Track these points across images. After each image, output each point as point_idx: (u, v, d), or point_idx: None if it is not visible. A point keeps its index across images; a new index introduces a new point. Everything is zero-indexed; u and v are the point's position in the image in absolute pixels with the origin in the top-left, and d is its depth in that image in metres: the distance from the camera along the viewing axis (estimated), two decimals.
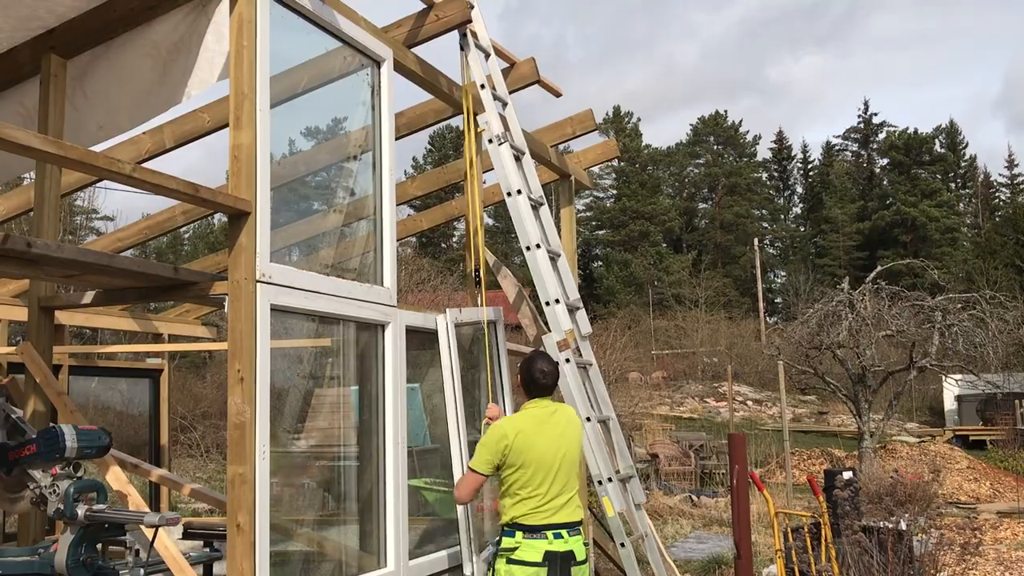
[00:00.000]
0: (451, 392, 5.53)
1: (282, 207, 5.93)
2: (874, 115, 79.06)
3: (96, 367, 9.15)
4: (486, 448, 4.94)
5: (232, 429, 4.34)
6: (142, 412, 10.11)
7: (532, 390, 5.09)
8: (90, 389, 17.32)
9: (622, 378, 31.25)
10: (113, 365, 9.45)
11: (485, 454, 4.93)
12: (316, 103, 5.84)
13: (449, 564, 5.86)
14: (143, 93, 5.20)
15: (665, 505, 15.69)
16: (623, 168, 75.86)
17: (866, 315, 18.22)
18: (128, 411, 12.94)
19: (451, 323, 5.68)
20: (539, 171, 8.89)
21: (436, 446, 6.70)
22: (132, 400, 12.30)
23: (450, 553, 5.92)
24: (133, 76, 5.20)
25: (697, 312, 55.87)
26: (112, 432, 4.36)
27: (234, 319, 4.38)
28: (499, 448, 4.89)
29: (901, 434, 32.86)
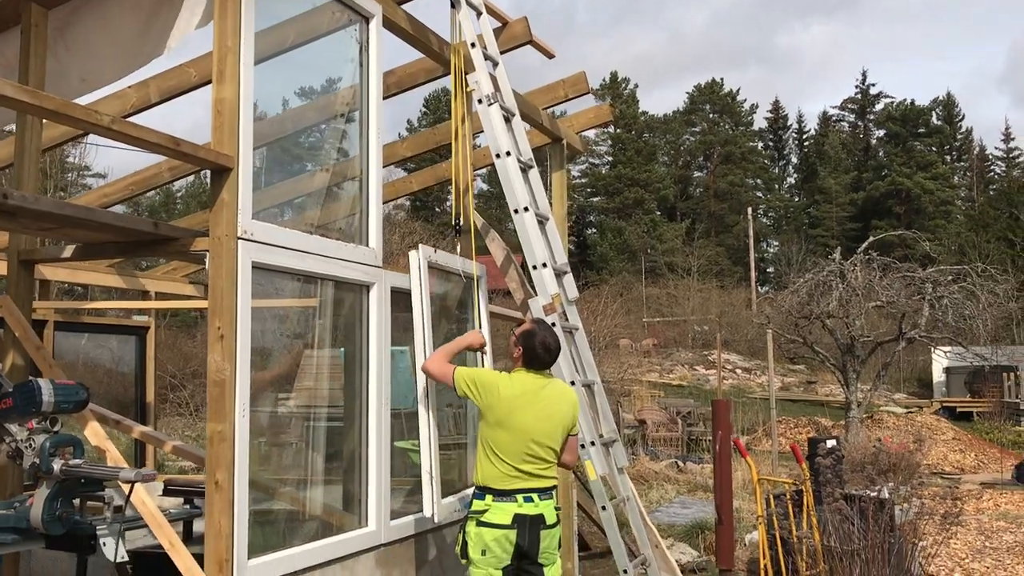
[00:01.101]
0: (420, 335, 5.40)
1: (268, 166, 5.87)
2: (872, 86, 78.79)
3: (82, 323, 9.11)
4: (476, 379, 4.96)
5: (212, 387, 4.31)
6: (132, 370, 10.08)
7: (533, 363, 5.00)
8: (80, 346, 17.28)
9: (612, 344, 31.33)
10: (99, 322, 9.40)
11: (471, 381, 4.95)
12: (303, 60, 5.76)
13: (430, 525, 5.86)
14: (126, 45, 5.12)
15: (651, 470, 15.76)
16: (619, 135, 75.50)
17: (856, 285, 18.23)
18: (118, 368, 12.90)
19: (423, 260, 5.54)
20: (531, 135, 8.82)
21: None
22: (123, 358, 12.26)
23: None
24: (116, 27, 5.12)
25: (689, 281, 55.91)
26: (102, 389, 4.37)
27: (214, 276, 4.34)
28: (480, 392, 4.89)
29: (889, 404, 33.01)
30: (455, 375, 5.03)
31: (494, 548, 4.81)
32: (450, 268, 5.89)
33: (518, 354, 5.02)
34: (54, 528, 3.94)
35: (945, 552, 9.56)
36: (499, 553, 4.81)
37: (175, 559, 4.21)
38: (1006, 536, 10.70)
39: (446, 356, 5.22)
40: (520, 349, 4.99)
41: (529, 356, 4.96)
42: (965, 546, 10.12)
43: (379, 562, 5.38)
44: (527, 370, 4.99)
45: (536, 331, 5.00)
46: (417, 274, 5.44)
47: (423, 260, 5.49)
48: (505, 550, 4.82)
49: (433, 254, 5.67)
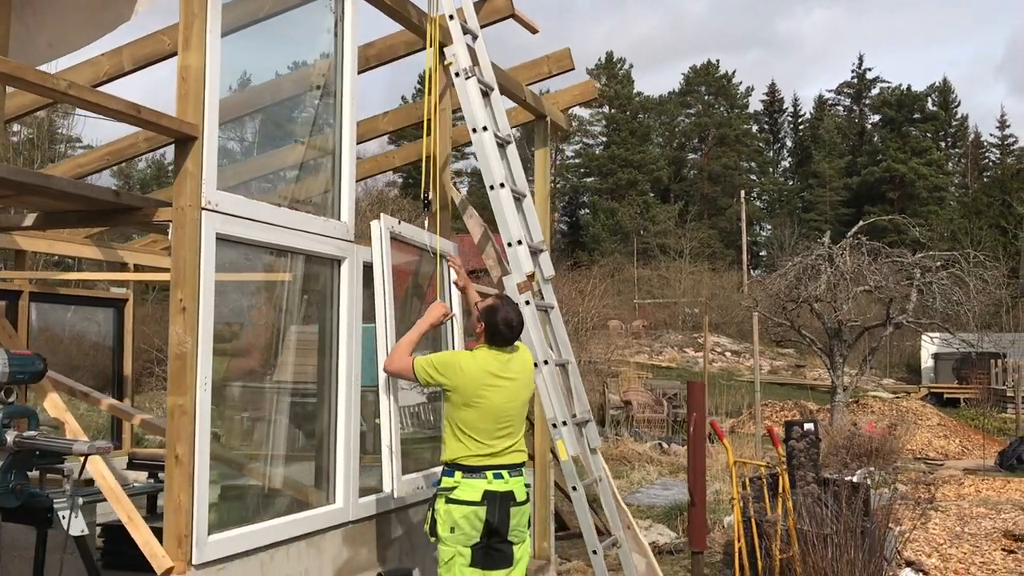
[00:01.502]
0: (382, 310, 5.29)
1: (238, 137, 5.78)
2: (868, 70, 78.58)
3: (58, 295, 9.02)
4: (437, 364, 4.85)
5: (173, 360, 4.24)
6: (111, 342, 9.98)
7: (495, 339, 4.91)
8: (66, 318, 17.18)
9: (602, 325, 31.30)
10: (76, 293, 9.30)
11: (432, 368, 4.84)
12: (277, 31, 5.65)
13: (399, 503, 5.81)
14: (93, 10, 5.02)
15: (634, 451, 15.76)
16: (613, 115, 75.31)
17: (845, 270, 18.19)
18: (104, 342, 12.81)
19: (385, 230, 5.44)
20: (515, 112, 8.73)
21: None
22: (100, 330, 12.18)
23: None
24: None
25: (681, 263, 55.90)
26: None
27: (177, 247, 4.26)
28: (444, 374, 4.80)
29: (877, 390, 33.09)
30: (414, 367, 4.89)
31: (463, 525, 4.76)
32: (415, 242, 5.77)
33: (480, 329, 4.95)
34: (7, 500, 3.88)
35: (923, 537, 9.58)
36: (468, 530, 4.76)
37: (133, 533, 4.16)
38: (985, 522, 10.71)
39: (406, 349, 5.03)
40: (482, 325, 4.92)
41: (491, 332, 4.89)
42: (944, 531, 10.13)
43: (347, 539, 5.33)
44: (490, 347, 4.92)
45: (499, 307, 4.92)
46: (379, 245, 5.33)
47: (384, 230, 5.38)
48: (474, 527, 4.77)
49: (396, 225, 5.56)
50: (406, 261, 6.06)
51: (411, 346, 5.05)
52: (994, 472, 16.12)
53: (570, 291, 22.09)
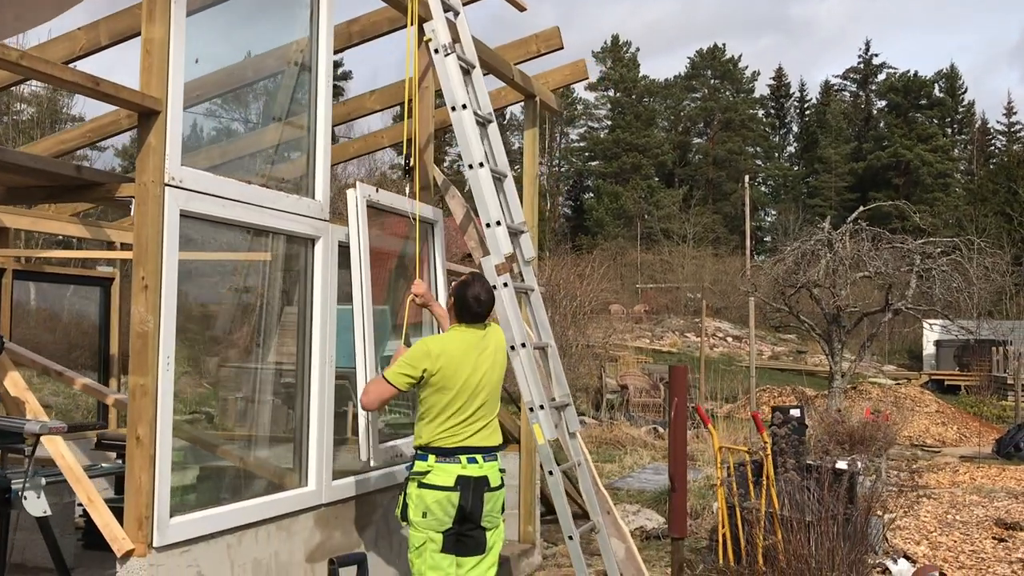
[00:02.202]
0: (359, 284, 5.21)
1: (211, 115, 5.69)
2: (875, 56, 78.10)
3: (43, 273, 8.95)
4: (407, 363, 4.74)
5: (134, 339, 4.16)
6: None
7: (464, 316, 4.85)
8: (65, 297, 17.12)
9: (601, 309, 31.21)
10: (62, 272, 9.23)
11: (405, 368, 4.72)
12: (252, 7, 5.56)
13: (375, 486, 5.74)
14: None
15: (629, 436, 15.69)
16: (618, 99, 75.00)
17: (844, 255, 18.05)
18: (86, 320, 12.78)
19: (362, 198, 5.32)
20: (504, 91, 8.63)
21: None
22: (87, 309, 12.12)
23: (375, 476, 5.80)
24: None
25: (684, 248, 55.74)
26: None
27: (140, 224, 4.18)
28: (421, 366, 4.70)
29: (878, 376, 33.01)
30: (390, 380, 4.74)
31: (435, 511, 4.69)
32: (395, 209, 5.67)
33: (450, 304, 4.88)
34: None
35: (913, 525, 9.49)
36: (440, 516, 4.69)
37: (93, 515, 4.09)
38: (977, 510, 10.62)
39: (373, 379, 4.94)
40: (452, 300, 4.85)
41: (460, 307, 4.82)
42: (935, 519, 10.04)
43: (319, 522, 5.26)
44: (461, 324, 4.84)
45: (469, 282, 4.86)
46: (355, 215, 5.24)
47: (361, 199, 5.28)
48: (447, 513, 4.69)
49: (374, 193, 5.46)
50: (389, 243, 5.98)
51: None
52: (990, 459, 16.03)
53: (569, 274, 21.97)
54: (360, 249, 5.23)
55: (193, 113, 5.62)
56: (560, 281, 21.25)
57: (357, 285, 5.24)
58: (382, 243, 5.88)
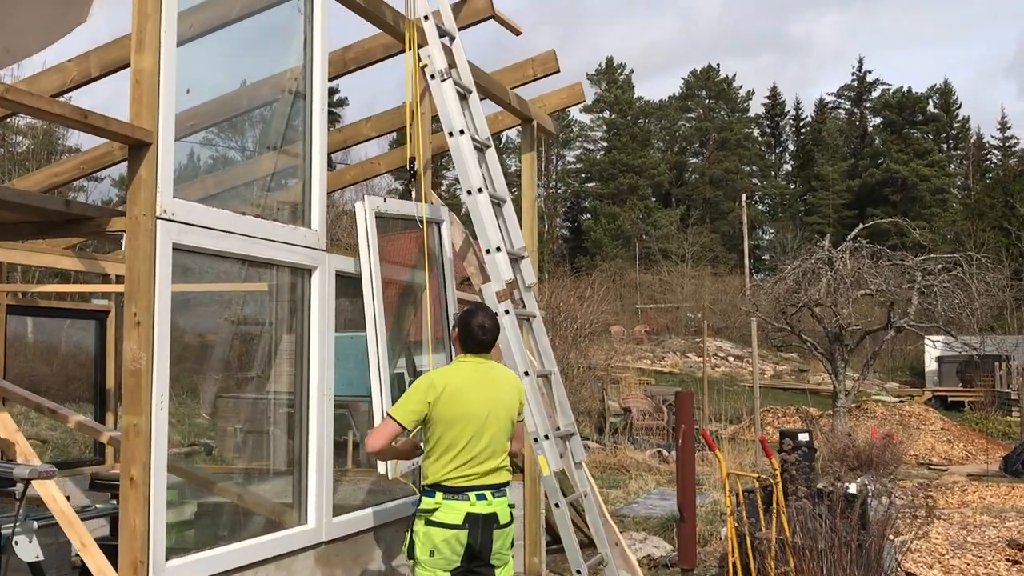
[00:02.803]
0: (370, 299, 5.09)
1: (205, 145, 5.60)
2: (868, 72, 78.30)
3: (37, 307, 8.84)
4: (411, 397, 4.60)
5: (127, 377, 4.04)
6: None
7: (468, 345, 4.73)
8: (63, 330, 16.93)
9: (602, 331, 31.08)
10: (56, 306, 9.11)
11: (409, 404, 4.57)
12: (244, 36, 5.48)
13: (376, 521, 5.61)
14: (50, 14, 4.83)
15: (633, 460, 15.52)
16: (614, 120, 75.16)
17: (845, 273, 17.96)
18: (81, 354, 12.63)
19: (370, 212, 5.21)
20: (501, 116, 8.55)
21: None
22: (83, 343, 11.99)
23: (377, 511, 5.67)
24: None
25: (683, 267, 55.66)
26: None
27: (131, 258, 4.07)
28: (425, 399, 4.56)
29: (880, 393, 32.83)
30: (396, 418, 4.55)
31: (443, 549, 4.54)
32: (404, 215, 5.56)
33: (455, 335, 4.77)
34: None
35: (925, 547, 9.34)
36: (448, 555, 4.54)
37: (86, 560, 3.96)
38: (989, 531, 10.47)
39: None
40: (456, 331, 4.73)
41: (465, 336, 4.69)
42: (946, 541, 9.88)
43: (320, 561, 5.13)
44: (466, 355, 4.72)
45: (474, 311, 4.75)
46: (364, 229, 5.14)
47: (370, 212, 5.18)
48: (455, 551, 4.55)
49: (382, 203, 5.36)
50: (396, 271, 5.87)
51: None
52: (998, 477, 15.85)
53: (569, 296, 21.87)
54: (371, 268, 5.14)
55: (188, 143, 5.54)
56: (560, 303, 21.16)
57: (369, 301, 5.13)
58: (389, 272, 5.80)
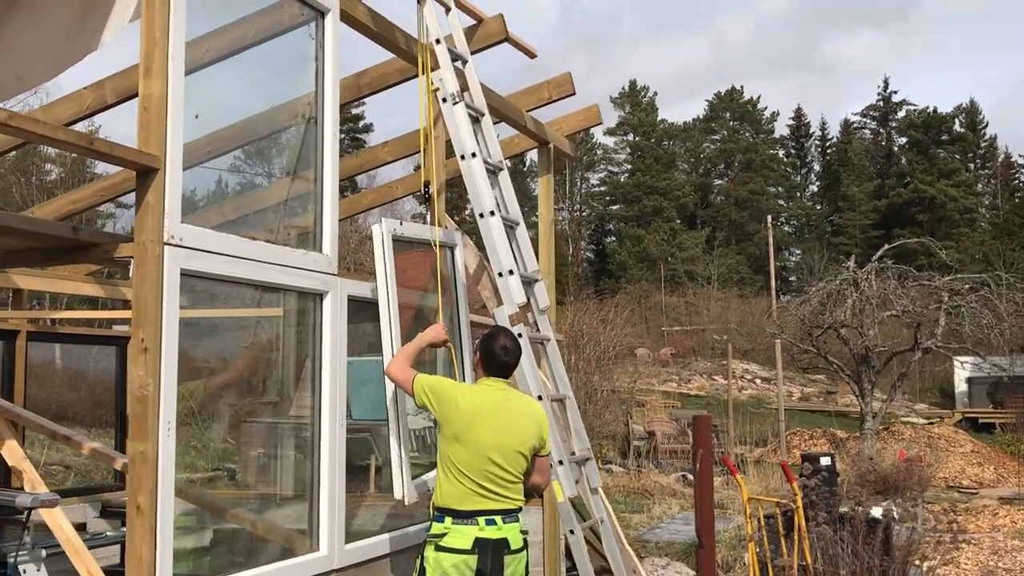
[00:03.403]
0: (386, 319, 5.07)
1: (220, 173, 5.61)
2: (893, 93, 77.86)
3: (58, 334, 8.87)
4: (434, 389, 4.62)
5: (134, 404, 4.02)
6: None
7: (491, 368, 4.71)
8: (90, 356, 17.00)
9: (627, 353, 30.91)
10: (77, 332, 9.14)
11: (431, 388, 4.62)
12: (255, 62, 5.48)
13: (392, 547, 5.55)
14: (61, 40, 4.85)
15: (657, 484, 15.37)
16: (638, 143, 75.18)
17: (870, 294, 17.76)
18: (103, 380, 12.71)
19: (387, 234, 5.21)
20: (517, 139, 8.54)
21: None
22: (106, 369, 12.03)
23: (395, 536, 5.61)
24: (51, 22, 4.85)
25: (709, 289, 55.34)
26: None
27: (138, 284, 4.05)
28: (440, 401, 4.56)
29: (910, 415, 32.39)
30: (414, 383, 4.70)
31: (453, 575, 4.48)
32: (420, 238, 5.55)
33: (478, 359, 4.74)
34: None
35: (954, 573, 9.15)
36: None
37: None
38: (1021, 556, 10.25)
39: (408, 358, 4.89)
40: (479, 355, 4.70)
41: (487, 359, 4.68)
42: (976, 566, 9.68)
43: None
44: (489, 378, 4.68)
45: (495, 333, 4.74)
46: (381, 251, 5.13)
47: (386, 234, 5.17)
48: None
49: (399, 227, 5.35)
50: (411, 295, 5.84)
51: (412, 357, 4.89)
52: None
53: (592, 319, 21.76)
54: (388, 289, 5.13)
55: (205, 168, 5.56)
56: (583, 326, 21.05)
57: (385, 323, 5.11)
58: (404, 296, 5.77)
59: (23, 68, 5.01)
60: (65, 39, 4.85)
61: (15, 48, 4.96)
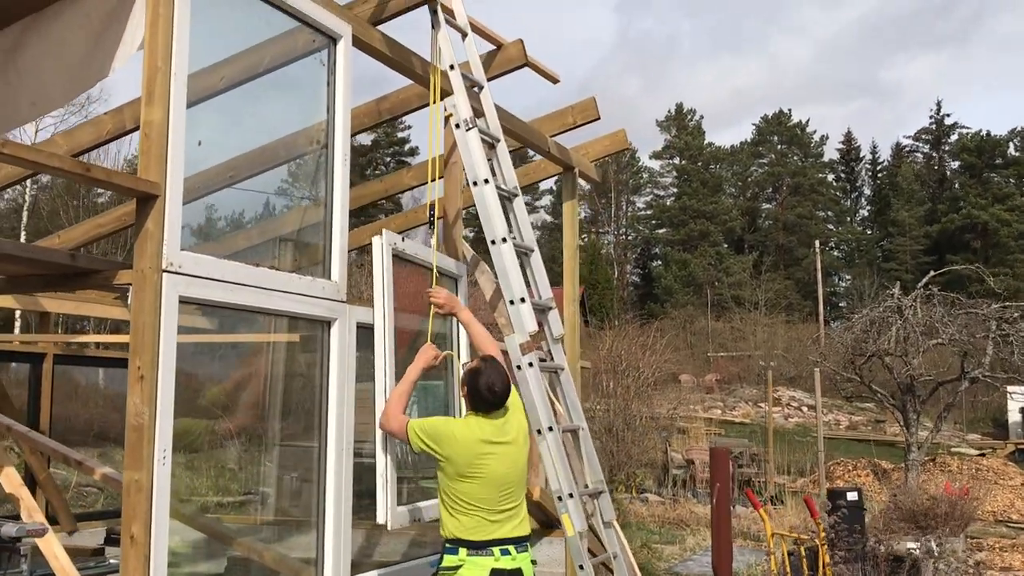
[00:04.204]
0: (381, 334, 5.00)
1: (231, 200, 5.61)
2: (946, 116, 76.74)
3: (83, 356, 8.94)
4: (429, 431, 4.55)
5: (129, 432, 3.98)
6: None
7: (479, 406, 4.61)
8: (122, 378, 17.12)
9: (669, 380, 30.59)
10: (101, 355, 9.22)
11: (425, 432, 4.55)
12: (267, 89, 5.48)
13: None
14: (74, 67, 4.87)
15: (693, 514, 15.11)
16: (684, 166, 74.88)
17: (915, 322, 17.35)
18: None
19: (387, 246, 5.15)
20: (542, 164, 8.48)
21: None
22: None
23: (405, 567, 5.53)
24: (64, 49, 4.88)
25: (756, 315, 54.69)
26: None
27: (137, 311, 4.02)
28: (438, 441, 4.50)
29: (960, 446, 31.63)
30: (408, 431, 4.60)
31: None
32: (420, 260, 5.48)
33: (464, 393, 4.65)
34: None
35: None
36: None
37: None
38: None
39: (399, 404, 4.79)
40: (465, 389, 4.61)
41: (472, 397, 4.58)
42: None
43: None
44: (477, 414, 4.59)
45: (481, 369, 4.59)
46: (380, 264, 5.07)
47: (386, 246, 5.11)
48: None
49: (400, 242, 5.29)
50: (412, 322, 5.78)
51: (403, 399, 4.81)
52: None
53: (631, 345, 21.54)
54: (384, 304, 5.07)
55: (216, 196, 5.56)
56: (622, 352, 20.85)
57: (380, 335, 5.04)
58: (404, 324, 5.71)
59: (37, 94, 5.04)
60: (78, 66, 4.88)
61: (30, 75, 4.99)
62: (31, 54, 5.00)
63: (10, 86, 5.05)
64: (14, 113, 5.08)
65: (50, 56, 4.96)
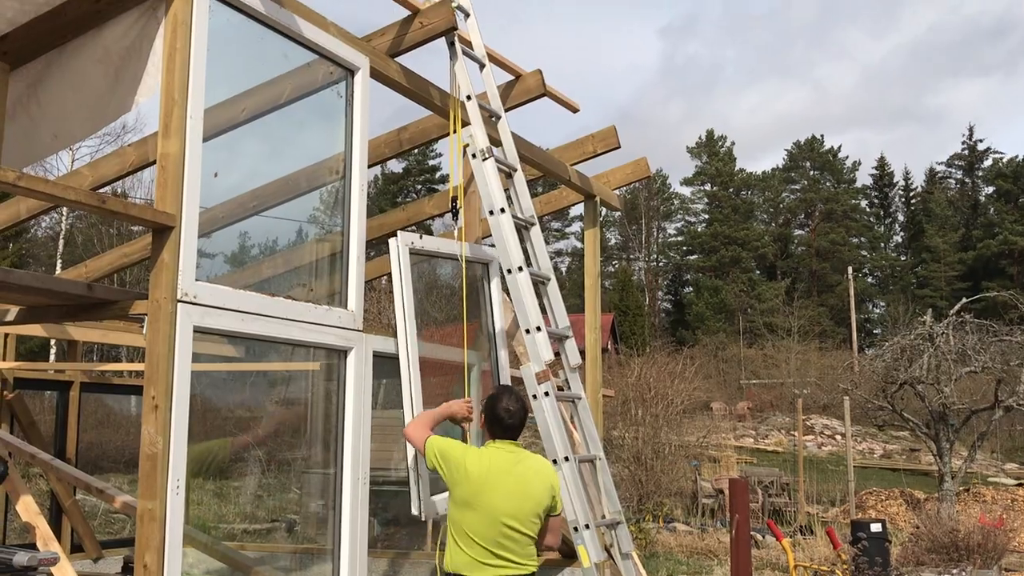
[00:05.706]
0: (403, 336, 5.05)
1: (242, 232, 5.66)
2: (979, 141, 76.08)
3: (109, 384, 9.03)
4: (445, 454, 4.57)
5: (144, 461, 4.01)
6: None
7: (496, 431, 4.62)
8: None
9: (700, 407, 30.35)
10: (127, 383, 9.31)
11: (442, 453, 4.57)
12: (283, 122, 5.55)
13: None
14: (95, 101, 4.96)
15: (722, 544, 14.92)
16: (715, 192, 74.67)
17: (947, 350, 17.15)
18: None
19: (403, 248, 5.17)
20: (563, 192, 8.50)
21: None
22: None
23: None
24: (85, 83, 4.97)
25: (789, 342, 54.21)
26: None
27: (151, 341, 4.07)
28: (449, 466, 4.52)
29: (998, 475, 31.08)
30: (426, 445, 4.67)
31: None
32: (441, 253, 5.51)
33: (483, 422, 4.65)
34: None
35: None
36: None
37: None
38: None
39: (428, 422, 4.87)
40: (483, 416, 4.62)
41: (491, 422, 4.59)
42: None
43: None
44: (494, 441, 4.59)
45: (498, 394, 4.64)
46: (398, 265, 5.10)
47: (403, 247, 5.14)
48: None
49: (417, 240, 5.32)
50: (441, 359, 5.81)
51: (433, 422, 4.89)
52: None
53: (660, 372, 21.42)
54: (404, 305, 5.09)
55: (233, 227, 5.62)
56: (650, 380, 20.74)
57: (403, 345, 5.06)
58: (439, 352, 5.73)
59: (59, 128, 5.14)
60: (100, 100, 4.96)
61: (52, 109, 5.08)
62: (53, 88, 5.10)
63: (32, 119, 5.15)
64: (37, 145, 5.18)
65: (71, 90, 5.05)
